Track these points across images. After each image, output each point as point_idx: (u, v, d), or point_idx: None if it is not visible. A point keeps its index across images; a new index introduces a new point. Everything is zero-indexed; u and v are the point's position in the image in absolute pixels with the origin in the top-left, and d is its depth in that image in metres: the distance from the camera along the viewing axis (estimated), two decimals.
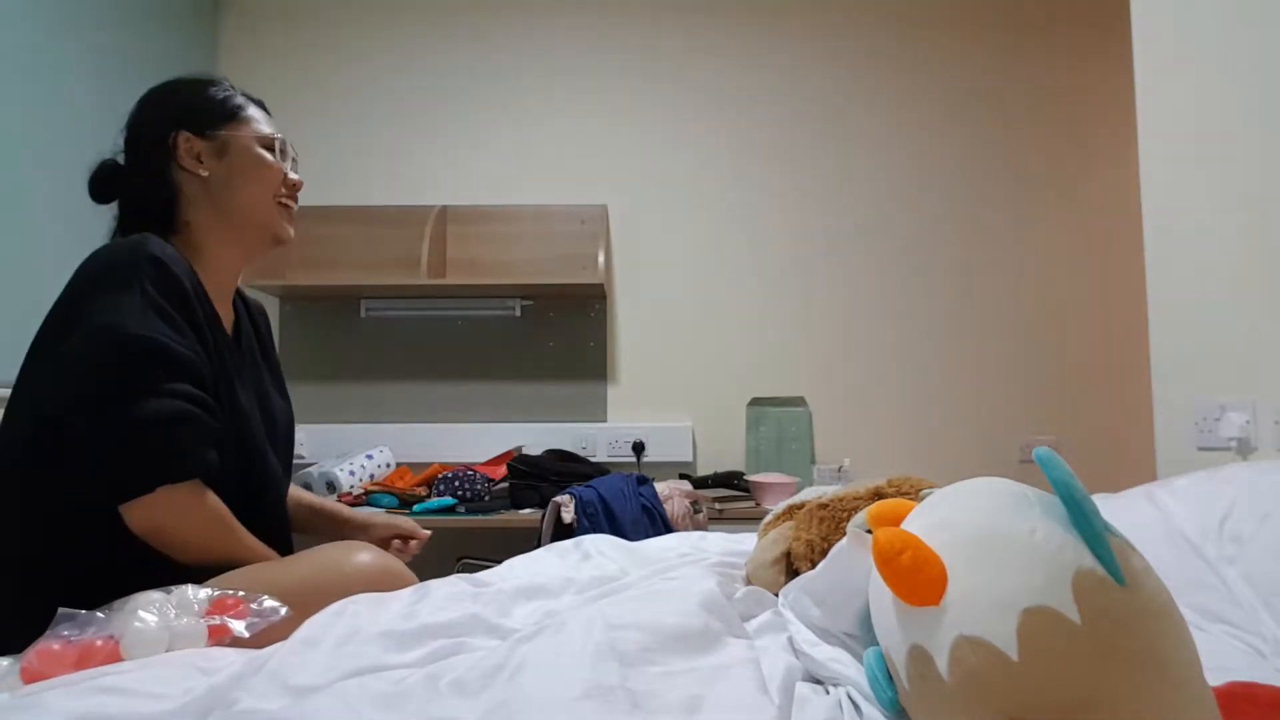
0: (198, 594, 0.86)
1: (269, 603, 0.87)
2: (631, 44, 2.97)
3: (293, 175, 1.21)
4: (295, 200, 1.23)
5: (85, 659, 0.74)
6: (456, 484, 2.38)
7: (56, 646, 0.74)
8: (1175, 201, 1.69)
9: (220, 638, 0.82)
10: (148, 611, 0.80)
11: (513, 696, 0.59)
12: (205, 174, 1.13)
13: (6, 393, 1.87)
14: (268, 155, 1.18)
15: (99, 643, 0.75)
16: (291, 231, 1.23)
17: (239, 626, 0.83)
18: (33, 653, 0.74)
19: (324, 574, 1.02)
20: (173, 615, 0.81)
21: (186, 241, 1.12)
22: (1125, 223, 2.66)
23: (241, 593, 0.89)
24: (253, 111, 1.19)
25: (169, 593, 0.85)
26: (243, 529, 1.03)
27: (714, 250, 2.92)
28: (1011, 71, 2.95)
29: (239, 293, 1.25)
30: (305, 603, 0.95)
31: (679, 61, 2.96)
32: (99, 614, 0.79)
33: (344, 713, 0.59)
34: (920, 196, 2.92)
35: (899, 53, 2.96)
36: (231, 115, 1.16)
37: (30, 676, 0.72)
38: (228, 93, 1.18)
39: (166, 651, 0.77)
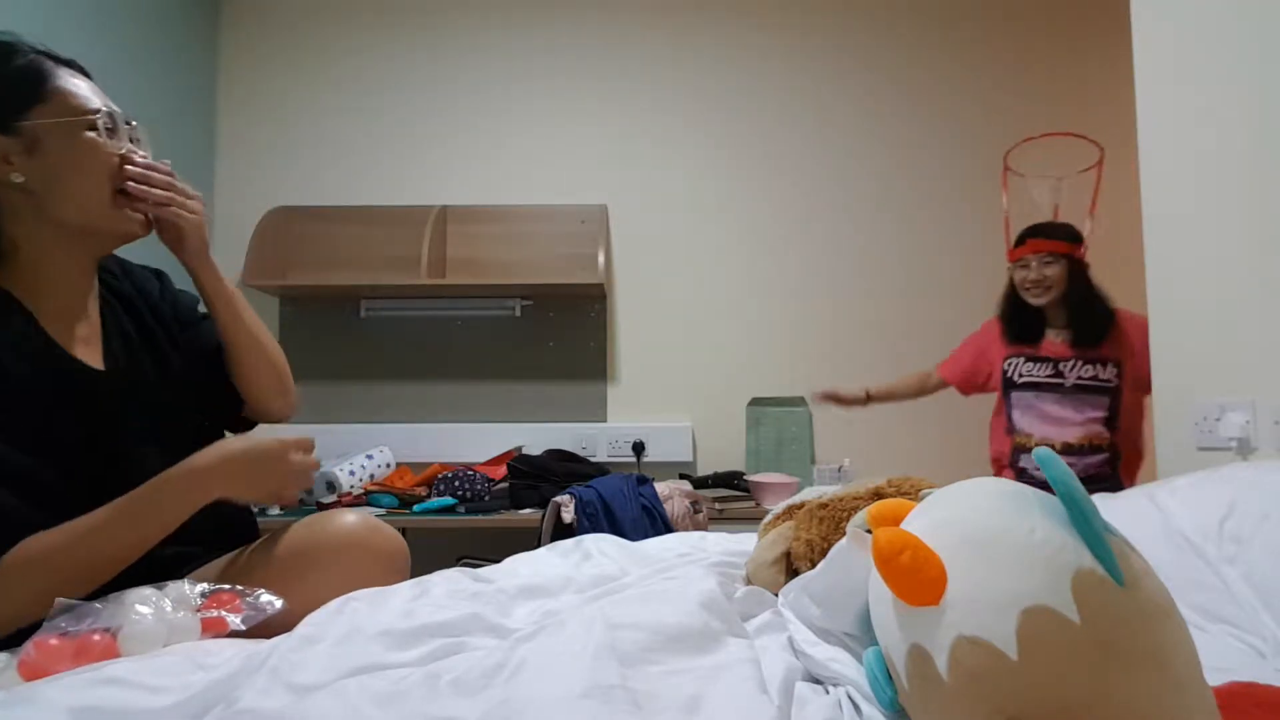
0: (193, 589, 0.85)
1: (265, 597, 0.87)
2: (631, 45, 2.97)
3: (139, 155, 1.00)
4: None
5: (82, 653, 0.73)
6: (456, 484, 2.39)
7: (54, 641, 0.74)
8: (1175, 201, 1.69)
9: (217, 631, 0.82)
10: (144, 606, 0.79)
11: (513, 696, 0.59)
12: (20, 178, 0.90)
13: None
14: (93, 137, 0.94)
15: (96, 637, 0.75)
16: (142, 227, 1.01)
17: (235, 620, 0.83)
18: (31, 646, 0.74)
19: (312, 539, 1.01)
20: (169, 609, 0.81)
21: (18, 263, 0.93)
22: (1125, 223, 2.66)
23: (238, 586, 0.88)
24: (64, 82, 0.95)
25: (162, 588, 0.84)
26: (72, 530, 0.86)
27: (714, 250, 2.92)
28: (1011, 73, 2.95)
29: (106, 280, 1.06)
30: (297, 570, 0.95)
31: (679, 63, 2.96)
32: (96, 604, 0.79)
33: (344, 711, 0.59)
34: (919, 196, 2.92)
35: (898, 54, 2.96)
36: (34, 93, 0.92)
37: (30, 672, 0.72)
38: (27, 59, 0.94)
39: (163, 647, 0.77)
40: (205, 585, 0.87)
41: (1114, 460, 2.06)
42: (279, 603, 0.87)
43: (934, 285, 2.91)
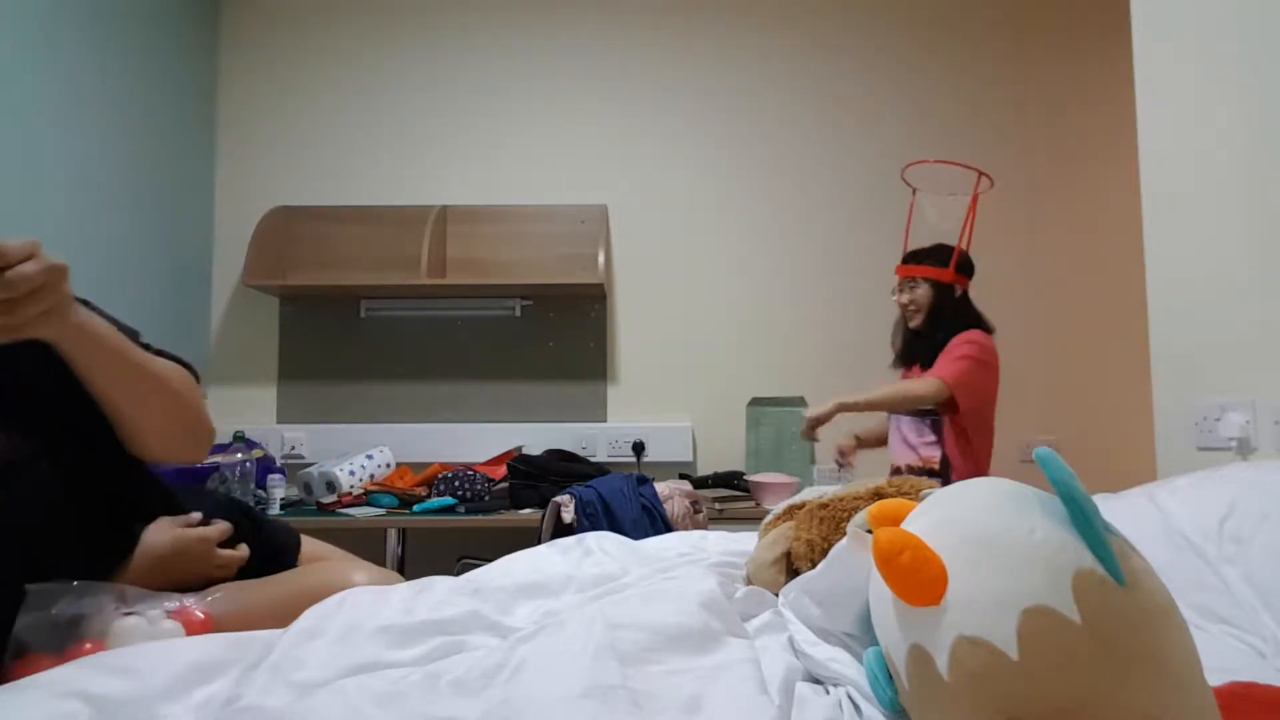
0: (160, 605, 0.85)
1: (216, 593, 0.90)
2: (632, 46, 2.97)
3: None
4: None
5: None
6: (456, 484, 2.38)
7: (45, 662, 0.72)
8: (1175, 201, 1.69)
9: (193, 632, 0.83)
10: (130, 614, 0.79)
11: (513, 696, 0.59)
12: None
13: None
14: None
15: (88, 645, 0.75)
16: None
17: (202, 610, 0.85)
18: (17, 669, 0.72)
19: (323, 591, 1.00)
20: (151, 615, 0.81)
21: None
22: (1125, 222, 2.66)
23: (189, 600, 0.88)
24: None
25: (126, 616, 0.82)
26: None
27: (714, 250, 2.92)
28: (1011, 74, 2.95)
29: None
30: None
31: (679, 63, 2.96)
32: (75, 611, 0.77)
33: (345, 710, 0.59)
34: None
35: (898, 54, 2.96)
36: None
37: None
38: None
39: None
40: (164, 605, 0.85)
41: (945, 484, 2.06)
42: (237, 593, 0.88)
43: None
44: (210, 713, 0.62)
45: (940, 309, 2.14)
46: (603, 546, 1.19)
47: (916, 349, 2.21)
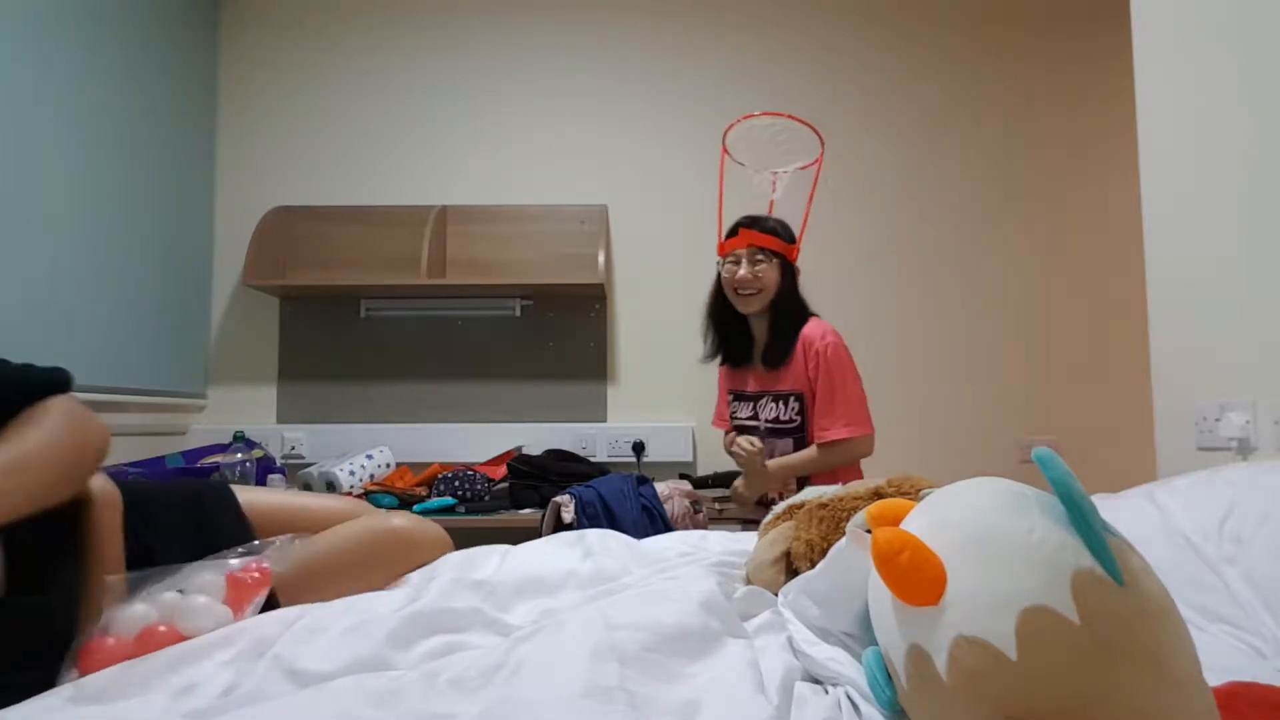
0: (211, 577, 0.85)
1: (278, 542, 0.91)
2: (632, 46, 2.97)
3: None
4: None
5: (146, 643, 0.75)
6: (456, 484, 2.38)
7: (111, 642, 0.75)
8: (1175, 201, 1.69)
9: (253, 594, 0.84)
10: (197, 592, 0.82)
11: (511, 695, 0.59)
12: None
13: None
14: None
15: (162, 629, 0.77)
16: None
17: (270, 566, 0.87)
18: (83, 653, 0.73)
19: (365, 536, 1.06)
20: (208, 591, 0.82)
21: None
22: (1125, 222, 2.66)
23: (249, 559, 0.89)
24: None
25: (182, 591, 0.83)
26: None
27: (714, 250, 2.92)
28: (1010, 73, 2.95)
29: None
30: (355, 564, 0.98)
31: (679, 63, 2.96)
32: (139, 602, 0.79)
33: (343, 709, 0.59)
34: (918, 196, 2.92)
35: (898, 55, 2.96)
36: None
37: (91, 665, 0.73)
38: None
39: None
40: (217, 570, 0.86)
41: None
42: (293, 541, 0.91)
43: (935, 285, 2.90)
44: (205, 701, 0.62)
45: (786, 295, 1.89)
46: (605, 546, 1.19)
47: (740, 338, 1.93)
